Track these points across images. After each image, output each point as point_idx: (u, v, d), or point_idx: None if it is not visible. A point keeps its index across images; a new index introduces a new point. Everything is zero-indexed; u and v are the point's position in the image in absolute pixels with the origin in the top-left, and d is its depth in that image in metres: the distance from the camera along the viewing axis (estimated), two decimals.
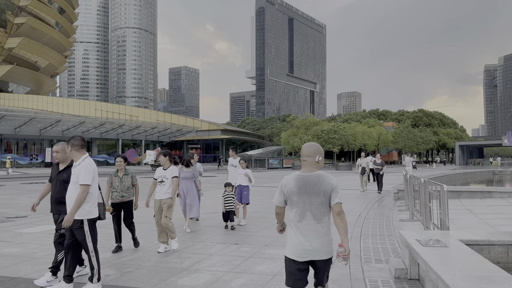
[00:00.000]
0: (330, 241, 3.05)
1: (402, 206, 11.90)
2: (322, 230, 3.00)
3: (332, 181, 3.04)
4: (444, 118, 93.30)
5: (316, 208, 2.99)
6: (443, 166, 62.75)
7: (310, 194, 2.99)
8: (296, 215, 3.02)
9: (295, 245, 3.00)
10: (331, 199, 3.02)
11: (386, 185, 20.67)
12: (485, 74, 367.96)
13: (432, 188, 6.83)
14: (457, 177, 25.85)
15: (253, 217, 9.97)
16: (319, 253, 2.98)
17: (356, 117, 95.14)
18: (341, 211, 3.01)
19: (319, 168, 3.13)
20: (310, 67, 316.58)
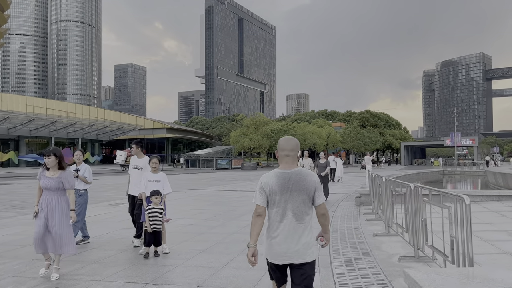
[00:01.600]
0: (312, 242, 2.90)
1: (368, 213, 10.08)
2: (304, 231, 2.86)
3: (315, 178, 2.92)
4: (389, 119, 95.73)
5: (298, 207, 2.85)
6: (388, 166, 63.55)
7: (292, 192, 2.85)
8: (276, 215, 2.87)
9: (276, 247, 2.83)
10: (315, 198, 2.89)
11: (340, 186, 19.14)
12: (423, 79, 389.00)
13: (434, 198, 4.91)
14: (412, 178, 25.09)
15: (187, 233, 7.63)
16: (301, 256, 2.81)
17: (305, 117, 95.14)
18: (326, 212, 2.93)
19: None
20: (260, 68, 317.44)
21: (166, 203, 6.73)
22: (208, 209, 11.19)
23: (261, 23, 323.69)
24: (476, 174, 31.74)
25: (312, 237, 2.93)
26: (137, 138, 29.28)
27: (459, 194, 4.08)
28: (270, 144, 59.46)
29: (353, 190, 17.05)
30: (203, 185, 20.93)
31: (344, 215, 10.02)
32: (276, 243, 2.84)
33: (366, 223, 8.75)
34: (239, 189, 17.84)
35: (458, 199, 4.06)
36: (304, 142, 62.97)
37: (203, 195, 15.17)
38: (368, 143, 69.50)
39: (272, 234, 2.87)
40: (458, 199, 4.06)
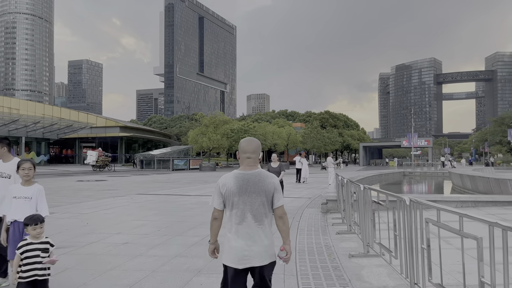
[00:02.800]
0: (272, 244, 2.86)
1: (337, 223, 8.80)
2: (263, 233, 2.81)
3: (274, 180, 2.88)
4: (348, 120, 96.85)
5: (257, 209, 2.81)
6: (346, 166, 63.78)
7: (250, 193, 2.81)
8: (236, 217, 2.81)
9: (235, 250, 2.77)
10: (274, 200, 2.86)
11: (303, 189, 17.93)
12: (379, 82, 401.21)
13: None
14: (374, 179, 24.46)
15: (117, 256, 5.95)
16: (259, 258, 2.77)
17: (266, 117, 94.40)
18: (284, 214, 2.89)
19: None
20: (220, 67, 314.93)
21: (100, 213, 4.85)
22: (152, 220, 9.51)
23: (222, 22, 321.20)
24: (436, 175, 31.84)
25: (272, 239, 2.88)
26: (89, 137, 26.52)
27: (496, 220, 2.78)
28: (230, 144, 57.90)
29: (317, 194, 15.89)
30: (155, 188, 19.07)
31: (310, 226, 8.69)
32: (235, 245, 2.77)
33: (337, 237, 7.44)
34: (194, 194, 16.20)
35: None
36: (264, 142, 61.96)
37: (151, 202, 13.41)
38: (327, 143, 69.56)
39: (232, 237, 2.81)
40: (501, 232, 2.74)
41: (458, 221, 3.21)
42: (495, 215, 9.02)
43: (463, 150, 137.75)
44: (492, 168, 33.56)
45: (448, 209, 3.50)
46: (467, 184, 15.50)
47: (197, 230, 8.24)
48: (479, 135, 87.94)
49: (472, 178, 14.47)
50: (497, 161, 63.45)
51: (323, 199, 10.95)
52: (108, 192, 17.09)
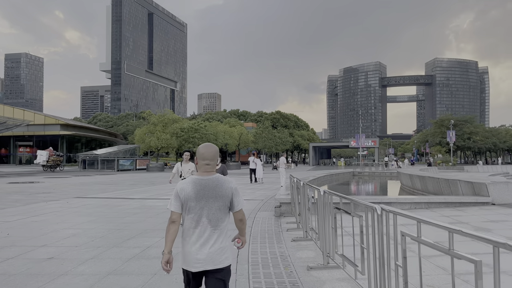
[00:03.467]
0: (227, 248, 2.87)
1: (292, 228, 8.24)
2: (219, 237, 2.83)
3: (232, 185, 2.94)
4: (298, 121, 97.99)
5: (214, 213, 2.84)
6: (295, 166, 64.28)
7: (208, 199, 2.84)
8: (192, 222, 2.83)
9: (191, 254, 2.79)
10: (233, 205, 2.91)
11: (254, 191, 17.30)
12: (328, 84, 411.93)
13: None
14: (325, 180, 24.43)
15: (38, 276, 4.95)
16: (215, 262, 2.78)
17: (217, 117, 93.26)
18: (243, 217, 2.97)
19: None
20: (170, 65, 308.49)
21: (26, 220, 3.98)
22: (86, 229, 8.43)
23: (172, 19, 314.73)
24: (384, 175, 32.60)
25: (227, 243, 2.91)
26: (25, 135, 24.03)
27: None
28: (179, 143, 56.28)
29: (269, 195, 15.35)
30: (95, 191, 17.64)
31: (263, 232, 8.05)
32: (191, 250, 2.80)
33: (293, 245, 6.84)
34: (138, 197, 15.06)
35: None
36: (216, 141, 60.94)
37: (89, 206, 12.18)
38: (279, 143, 69.77)
39: (188, 241, 2.84)
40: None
41: (448, 238, 2.65)
42: (450, 217, 8.89)
43: (406, 151, 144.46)
44: (435, 168, 34.97)
45: (430, 222, 2.95)
46: (416, 184, 15.63)
47: (138, 240, 7.32)
48: (421, 136, 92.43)
49: (422, 179, 14.58)
50: (437, 161, 66.80)
51: (277, 202, 10.36)
52: (42, 195, 15.50)
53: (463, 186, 11.36)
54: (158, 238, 7.40)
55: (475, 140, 75.68)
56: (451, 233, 2.65)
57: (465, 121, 78.38)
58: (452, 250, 2.62)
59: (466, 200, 10.21)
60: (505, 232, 7.06)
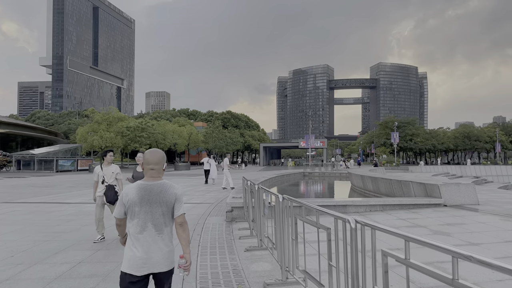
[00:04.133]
0: (172, 252, 2.93)
1: (245, 236, 7.59)
2: (163, 241, 2.87)
3: (176, 191, 2.96)
4: (249, 121, 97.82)
5: (158, 218, 2.87)
6: (245, 167, 63.98)
7: (152, 204, 2.87)
8: (136, 227, 2.85)
9: (134, 258, 2.80)
10: (175, 210, 2.94)
11: (205, 193, 16.38)
12: (278, 85, 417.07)
13: None
14: (277, 181, 24.07)
15: None
16: (159, 265, 2.83)
17: (166, 116, 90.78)
18: (184, 222, 2.97)
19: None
20: (117, 62, 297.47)
21: None
22: (7, 241, 7.27)
23: (119, 14, 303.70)
24: (334, 176, 32.91)
25: (172, 247, 2.95)
26: None
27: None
28: (125, 143, 53.85)
29: (220, 198, 14.63)
30: (27, 195, 15.98)
31: (214, 240, 7.33)
32: (136, 254, 2.80)
33: (246, 256, 6.19)
34: (76, 201, 13.74)
35: None
36: (164, 141, 59.05)
37: (17, 213, 10.81)
38: (229, 143, 68.99)
39: (132, 245, 2.84)
40: None
41: (451, 263, 2.11)
42: (406, 220, 8.66)
43: (352, 151, 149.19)
44: (383, 168, 35.91)
45: (422, 241, 2.43)
46: (368, 185, 15.58)
47: (68, 253, 6.32)
48: (366, 137, 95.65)
49: (374, 180, 14.51)
50: (382, 161, 69.30)
51: (228, 206, 9.67)
52: None
53: (416, 187, 11.32)
54: (92, 252, 6.44)
55: (416, 141, 79.46)
56: (455, 259, 2.12)
57: (408, 123, 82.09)
58: (457, 280, 2.08)
59: (419, 202, 10.11)
60: (464, 236, 6.86)
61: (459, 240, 6.57)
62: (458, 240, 6.58)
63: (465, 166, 47.00)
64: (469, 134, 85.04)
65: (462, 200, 10.35)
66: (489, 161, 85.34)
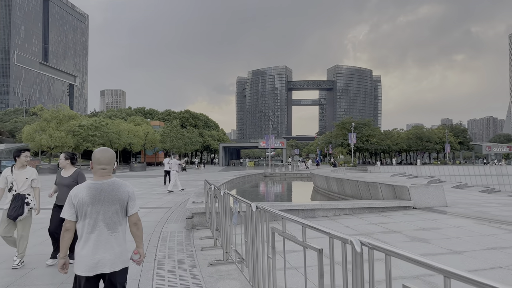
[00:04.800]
0: (125, 251, 2.90)
1: (208, 247, 6.80)
2: (116, 240, 2.84)
3: (129, 189, 2.95)
4: (208, 121, 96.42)
5: (111, 217, 2.84)
6: (203, 167, 62.64)
7: (104, 203, 2.84)
8: (88, 227, 2.81)
9: (86, 259, 2.75)
10: (128, 208, 2.93)
11: (162, 196, 15.28)
12: (237, 85, 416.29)
13: None
14: (239, 182, 23.32)
15: None
16: (111, 265, 2.78)
17: (121, 114, 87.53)
18: (138, 221, 2.97)
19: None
20: (69, 58, 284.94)
21: None
22: None
23: (71, 8, 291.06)
24: (295, 176, 32.60)
25: (126, 246, 2.92)
26: None
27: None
28: (77, 142, 51.07)
29: (178, 202, 13.69)
30: None
31: (172, 253, 6.47)
32: (87, 254, 2.75)
33: (210, 272, 5.40)
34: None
35: None
36: (118, 141, 56.65)
37: None
38: (188, 143, 67.37)
39: (83, 246, 2.79)
40: None
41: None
42: (379, 225, 8.20)
43: (310, 152, 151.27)
44: (343, 169, 36.11)
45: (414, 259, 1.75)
46: (333, 187, 15.20)
47: None
48: (324, 138, 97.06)
49: (340, 181, 14.12)
50: (340, 161, 70.39)
51: (188, 212, 8.81)
52: None
53: (384, 189, 10.98)
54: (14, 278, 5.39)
55: (372, 142, 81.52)
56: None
57: (364, 124, 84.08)
58: None
59: (390, 205, 9.74)
60: (443, 243, 6.44)
61: (440, 247, 6.13)
62: (438, 247, 6.14)
63: (421, 166, 48.51)
64: (421, 135, 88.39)
65: (431, 202, 10.10)
66: (439, 161, 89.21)
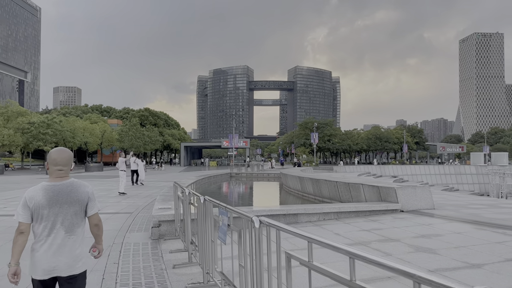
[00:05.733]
0: (82, 254, 2.82)
1: (180, 264, 5.66)
2: (73, 243, 2.76)
3: (88, 189, 2.87)
4: (168, 119, 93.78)
5: (69, 219, 2.76)
6: (161, 168, 60.48)
7: (62, 204, 2.74)
8: (44, 230, 2.71)
9: (42, 262, 2.67)
10: (88, 209, 2.85)
11: (121, 199, 13.75)
12: (198, 84, 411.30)
13: None
14: (204, 183, 22.09)
15: None
16: (68, 268, 2.70)
17: (76, 112, 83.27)
18: (99, 221, 2.93)
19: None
20: (20, 53, 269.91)
21: None
22: None
23: (22, 1, 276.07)
24: (262, 176, 31.67)
25: (84, 248, 2.85)
26: None
27: None
28: (26, 140, 47.64)
29: (140, 206, 12.36)
30: None
31: (138, 273, 5.29)
32: (43, 258, 2.67)
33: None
34: None
35: None
36: (73, 139, 53.55)
37: None
38: (148, 142, 64.87)
39: (39, 249, 2.70)
40: None
41: None
42: (371, 232, 7.37)
43: (272, 151, 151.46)
44: (311, 169, 35.58)
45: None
46: (307, 188, 14.36)
47: None
48: (287, 137, 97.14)
49: (316, 182, 13.28)
50: (303, 161, 70.42)
51: (154, 219, 7.59)
52: None
53: (367, 190, 10.24)
54: None
55: (334, 142, 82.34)
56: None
57: (326, 124, 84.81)
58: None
59: (377, 208, 8.97)
60: (455, 254, 5.67)
61: (452, 260, 5.34)
62: (451, 260, 5.35)
63: (384, 166, 49.15)
64: (380, 135, 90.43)
65: (418, 204, 9.44)
66: (397, 161, 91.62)
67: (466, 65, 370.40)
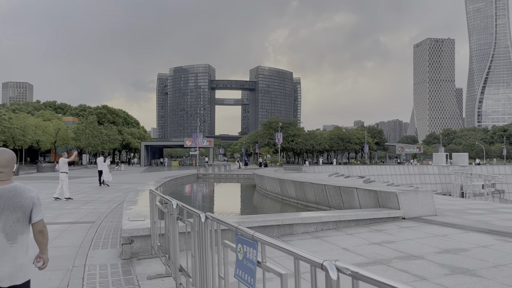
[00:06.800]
0: (26, 263, 2.66)
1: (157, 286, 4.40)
2: (16, 251, 2.59)
3: (33, 194, 2.69)
4: (128, 117, 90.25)
5: (11, 226, 2.58)
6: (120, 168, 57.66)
7: (4, 210, 2.56)
8: None
9: None
10: (33, 215, 2.68)
11: (80, 205, 11.98)
12: (158, 82, 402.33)
13: None
14: (171, 184, 20.56)
15: None
16: (10, 279, 2.54)
17: (27, 108, 78.18)
18: (44, 228, 2.78)
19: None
20: None
21: None
22: None
23: None
24: (231, 177, 30.35)
25: (27, 257, 2.70)
26: None
27: None
28: None
29: (103, 213, 10.81)
30: None
31: None
32: None
33: None
34: None
35: None
36: (24, 137, 49.84)
37: None
38: (106, 141, 61.71)
39: None
40: None
41: None
42: (382, 245, 6.37)
43: (234, 151, 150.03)
44: (282, 169, 34.71)
45: None
46: (289, 191, 13.29)
47: None
48: (250, 137, 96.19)
49: (300, 185, 12.21)
50: (268, 161, 69.74)
51: (125, 234, 6.19)
52: None
53: (362, 195, 9.32)
54: None
55: (298, 142, 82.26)
56: None
57: (290, 124, 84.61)
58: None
59: (379, 216, 8.05)
60: (499, 276, 4.75)
61: (503, 285, 4.42)
62: (501, 285, 4.42)
63: (351, 166, 49.28)
64: (342, 136, 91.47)
65: (420, 211, 8.62)
66: (359, 161, 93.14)
67: (420, 69, 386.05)
